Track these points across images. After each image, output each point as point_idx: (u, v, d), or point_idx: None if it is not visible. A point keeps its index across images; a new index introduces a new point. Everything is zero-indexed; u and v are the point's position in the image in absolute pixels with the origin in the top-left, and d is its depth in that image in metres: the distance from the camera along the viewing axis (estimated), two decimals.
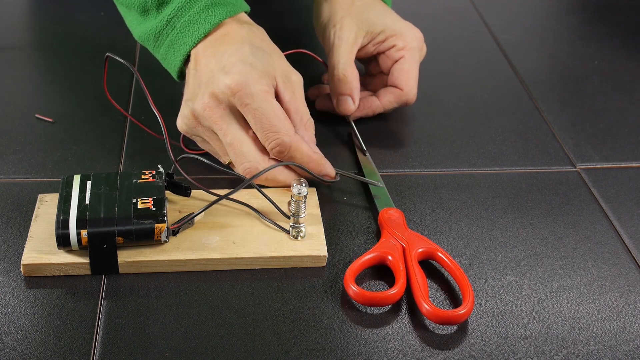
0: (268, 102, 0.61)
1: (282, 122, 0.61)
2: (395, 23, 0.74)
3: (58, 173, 0.67)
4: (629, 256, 0.62)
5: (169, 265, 0.58)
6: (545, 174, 0.71)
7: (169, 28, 0.65)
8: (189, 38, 0.65)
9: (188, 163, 0.65)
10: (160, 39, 0.66)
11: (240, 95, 0.61)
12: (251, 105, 0.61)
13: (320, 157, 0.64)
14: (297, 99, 0.64)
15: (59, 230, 0.56)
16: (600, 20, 1.00)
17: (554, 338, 0.55)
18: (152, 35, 0.67)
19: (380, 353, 0.53)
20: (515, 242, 0.63)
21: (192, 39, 0.65)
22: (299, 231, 0.60)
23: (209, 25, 0.64)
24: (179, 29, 0.65)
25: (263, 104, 0.61)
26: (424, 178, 0.70)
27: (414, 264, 0.58)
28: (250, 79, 0.61)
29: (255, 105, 0.61)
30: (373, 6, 0.74)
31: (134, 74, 0.81)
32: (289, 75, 0.64)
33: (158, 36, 0.66)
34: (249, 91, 0.61)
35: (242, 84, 0.61)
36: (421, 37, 0.75)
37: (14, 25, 0.92)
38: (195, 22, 0.65)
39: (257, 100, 0.61)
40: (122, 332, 0.53)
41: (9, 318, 0.54)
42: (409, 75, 0.73)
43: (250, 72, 0.61)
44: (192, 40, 0.65)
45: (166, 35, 0.66)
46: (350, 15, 0.73)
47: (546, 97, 0.83)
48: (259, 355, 0.52)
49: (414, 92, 0.74)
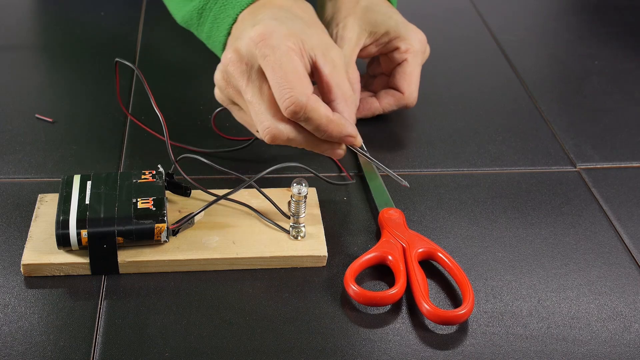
0: (289, 57, 0.58)
1: (300, 80, 0.57)
2: (399, 25, 0.73)
3: (58, 173, 0.67)
4: (629, 256, 0.62)
5: (169, 265, 0.58)
6: (545, 174, 0.71)
7: (212, 2, 0.63)
8: (232, 10, 0.62)
9: (188, 163, 0.65)
10: (203, 16, 0.64)
11: (261, 45, 0.58)
12: (270, 57, 0.57)
13: (340, 118, 0.59)
14: (339, 73, 0.61)
15: (59, 230, 0.56)
16: (600, 20, 1.00)
17: (554, 338, 0.55)
18: (195, 13, 0.65)
19: (380, 353, 0.53)
20: (515, 242, 0.63)
21: (235, 10, 0.62)
22: (299, 231, 0.60)
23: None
24: (222, 2, 0.63)
25: (283, 58, 0.57)
26: (424, 178, 0.70)
27: (414, 264, 0.58)
28: (276, 32, 0.58)
29: (274, 57, 0.57)
30: (378, 6, 0.74)
31: (134, 75, 0.81)
32: (328, 48, 0.61)
33: (201, 13, 0.64)
34: (271, 43, 0.58)
35: (266, 34, 0.58)
36: (425, 40, 0.74)
37: (14, 26, 0.91)
38: None
39: (277, 53, 0.57)
40: (122, 332, 0.53)
41: (9, 318, 0.54)
42: (410, 79, 0.73)
43: (277, 27, 0.58)
44: (235, 11, 0.62)
45: (209, 10, 0.64)
46: (354, 14, 0.73)
47: (546, 97, 0.83)
48: (259, 355, 0.52)
49: (415, 95, 0.73)
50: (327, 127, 0.59)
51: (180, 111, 0.76)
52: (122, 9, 0.94)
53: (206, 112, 0.76)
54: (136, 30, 0.90)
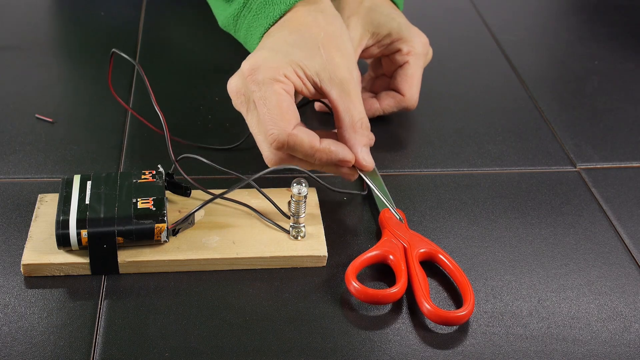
0: (272, 92, 0.58)
1: (282, 115, 0.58)
2: (402, 27, 0.73)
3: (58, 173, 0.67)
4: (629, 256, 0.62)
5: (169, 265, 0.58)
6: (545, 174, 0.71)
7: (246, 10, 0.63)
8: (264, 19, 0.62)
9: (188, 163, 0.65)
10: (239, 23, 0.64)
11: (249, 80, 0.59)
12: (256, 92, 0.58)
13: (329, 146, 0.59)
14: (346, 98, 0.61)
15: (59, 230, 0.56)
16: (600, 20, 1.00)
17: (554, 338, 0.55)
18: (231, 20, 0.65)
19: (380, 353, 0.53)
20: (515, 242, 0.63)
21: (267, 20, 0.62)
22: (299, 231, 0.60)
23: (284, 5, 0.61)
24: (255, 11, 0.63)
25: (267, 93, 0.58)
26: (424, 178, 0.70)
27: (415, 264, 0.58)
28: (262, 66, 0.58)
29: (259, 93, 0.58)
30: (381, 8, 0.73)
31: (134, 74, 0.81)
32: (336, 71, 0.60)
33: (237, 19, 0.64)
34: (256, 78, 0.58)
35: (253, 69, 0.58)
36: (427, 43, 0.74)
37: (13, 26, 0.91)
38: (270, 3, 0.62)
39: (262, 89, 0.58)
40: (122, 332, 0.53)
41: (9, 318, 0.54)
42: (412, 82, 0.73)
43: (267, 59, 0.59)
44: (268, 22, 0.62)
45: (244, 18, 0.63)
46: (357, 14, 0.72)
47: (546, 97, 0.83)
48: (259, 355, 0.52)
49: (415, 98, 0.73)
50: (314, 157, 0.59)
51: (180, 111, 0.76)
52: (122, 9, 0.94)
53: (206, 112, 0.76)
54: (136, 31, 0.90)
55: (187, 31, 0.91)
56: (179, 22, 0.93)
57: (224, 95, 0.62)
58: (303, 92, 0.61)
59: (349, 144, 0.61)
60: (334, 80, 0.60)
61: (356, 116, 0.61)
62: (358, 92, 0.61)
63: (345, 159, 0.60)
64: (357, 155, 0.61)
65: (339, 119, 0.61)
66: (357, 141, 0.61)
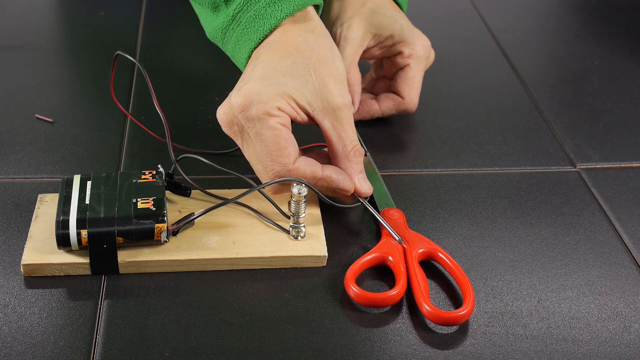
0: (267, 127, 0.57)
1: (280, 150, 0.58)
2: (404, 29, 0.72)
3: (58, 173, 0.68)
4: (629, 256, 0.62)
5: (169, 265, 0.58)
6: (545, 174, 0.71)
7: (235, 24, 0.62)
8: (253, 34, 0.61)
9: (188, 163, 0.65)
10: (227, 36, 0.63)
11: (241, 116, 0.58)
12: (251, 128, 0.58)
13: (330, 174, 0.60)
14: (339, 126, 0.60)
15: (59, 230, 0.56)
16: (600, 20, 1.00)
17: (554, 338, 0.55)
18: (219, 32, 0.64)
19: (380, 353, 0.53)
20: (515, 242, 0.63)
21: (256, 35, 0.61)
22: (299, 231, 0.60)
23: (274, 20, 0.60)
24: (244, 25, 0.62)
25: (262, 130, 0.57)
26: (424, 178, 0.70)
27: (414, 265, 0.58)
28: (256, 100, 0.57)
29: (254, 129, 0.58)
30: (384, 9, 0.73)
31: (134, 74, 0.81)
32: (328, 98, 0.59)
33: (225, 33, 0.63)
34: (250, 114, 0.57)
35: (245, 104, 0.57)
36: (429, 46, 0.74)
37: (13, 26, 0.91)
38: (260, 18, 0.61)
39: (257, 124, 0.57)
40: (122, 332, 0.53)
41: (9, 318, 0.54)
42: (412, 84, 0.72)
43: (259, 93, 0.57)
44: (257, 37, 0.61)
45: (232, 32, 0.62)
46: (360, 15, 0.72)
47: (546, 97, 0.83)
48: (259, 355, 0.52)
49: (415, 101, 0.73)
50: (317, 185, 0.60)
51: (180, 111, 0.76)
52: (122, 9, 0.95)
53: (206, 113, 0.76)
54: (136, 31, 0.90)
55: (187, 31, 0.91)
56: (179, 22, 0.93)
57: (224, 95, 0.62)
58: (297, 119, 0.60)
59: (346, 170, 0.61)
60: (326, 109, 0.60)
61: (349, 145, 0.61)
62: (350, 118, 0.61)
63: (346, 188, 0.61)
64: (355, 184, 0.62)
65: (332, 149, 0.61)
66: (353, 170, 0.61)
